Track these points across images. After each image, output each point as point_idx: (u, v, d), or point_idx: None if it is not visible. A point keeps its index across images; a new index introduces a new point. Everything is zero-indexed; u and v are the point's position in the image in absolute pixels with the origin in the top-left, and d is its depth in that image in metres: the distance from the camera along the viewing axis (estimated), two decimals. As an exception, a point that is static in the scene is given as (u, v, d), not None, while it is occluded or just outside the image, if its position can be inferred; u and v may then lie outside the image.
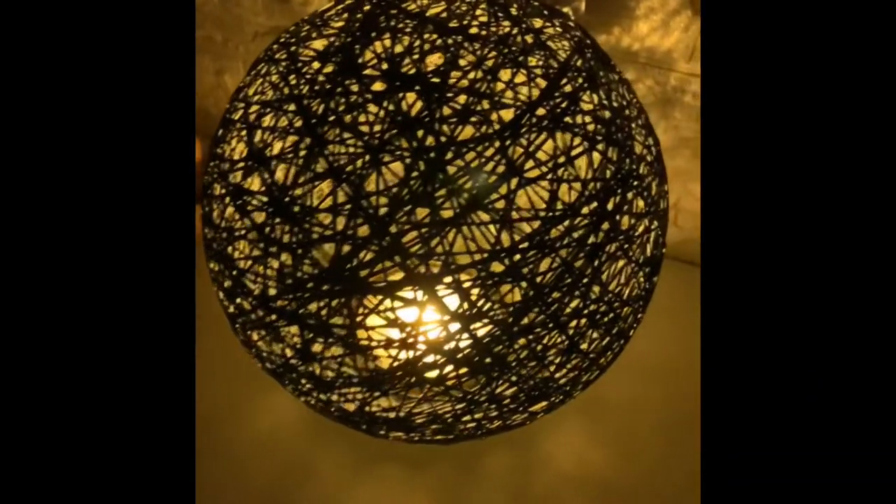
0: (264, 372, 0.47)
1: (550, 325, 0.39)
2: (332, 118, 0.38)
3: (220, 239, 0.43)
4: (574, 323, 0.40)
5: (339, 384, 0.42)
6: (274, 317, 0.41)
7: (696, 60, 0.61)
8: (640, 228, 0.42)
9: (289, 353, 0.42)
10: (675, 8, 0.58)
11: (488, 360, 0.39)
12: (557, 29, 0.43)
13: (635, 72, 0.63)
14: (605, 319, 0.42)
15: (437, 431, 0.45)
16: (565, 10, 0.52)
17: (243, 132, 0.42)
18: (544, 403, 0.44)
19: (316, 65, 0.40)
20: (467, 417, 0.43)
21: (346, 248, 0.37)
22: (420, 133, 0.37)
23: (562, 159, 0.38)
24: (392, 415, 0.43)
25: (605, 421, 0.60)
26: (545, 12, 0.44)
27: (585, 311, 0.40)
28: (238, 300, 0.43)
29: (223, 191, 0.42)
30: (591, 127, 0.40)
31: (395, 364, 0.40)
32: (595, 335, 0.42)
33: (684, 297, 0.68)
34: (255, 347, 0.45)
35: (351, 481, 0.54)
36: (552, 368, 0.42)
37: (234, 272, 0.42)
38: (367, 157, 0.37)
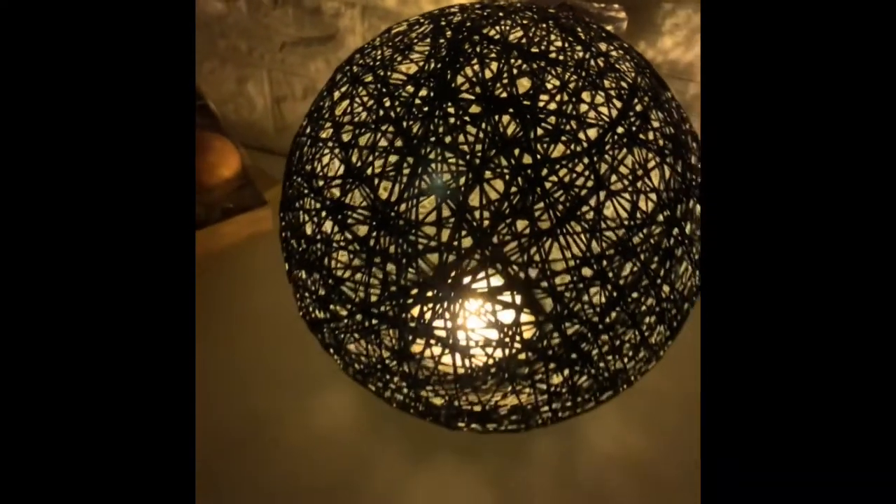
0: (347, 375, 0.51)
1: (629, 323, 0.44)
2: (432, 139, 0.42)
3: (314, 250, 0.46)
4: (647, 320, 0.45)
5: (434, 381, 0.45)
6: (374, 321, 0.44)
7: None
8: (699, 232, 0.47)
9: (385, 354, 0.46)
10: (698, 25, 0.62)
11: (574, 355, 0.43)
12: (620, 52, 0.47)
13: (657, 81, 0.67)
14: (671, 315, 0.46)
15: (514, 422, 0.49)
16: (609, 28, 0.56)
17: (336, 150, 0.45)
18: (611, 393, 0.49)
19: (410, 88, 0.43)
20: (545, 408, 0.47)
21: (451, 258, 0.41)
22: (517, 152, 0.41)
23: (640, 172, 0.43)
24: (478, 408, 0.47)
25: (636, 406, 0.64)
26: (603, 35, 0.49)
27: (657, 309, 0.45)
28: (333, 307, 0.46)
29: (317, 205, 0.45)
30: (660, 142, 0.44)
31: (491, 362, 0.44)
32: (661, 330, 0.47)
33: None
34: (345, 350, 0.48)
35: (411, 469, 0.58)
36: (625, 360, 0.46)
37: (331, 281, 0.45)
38: (470, 175, 0.41)
